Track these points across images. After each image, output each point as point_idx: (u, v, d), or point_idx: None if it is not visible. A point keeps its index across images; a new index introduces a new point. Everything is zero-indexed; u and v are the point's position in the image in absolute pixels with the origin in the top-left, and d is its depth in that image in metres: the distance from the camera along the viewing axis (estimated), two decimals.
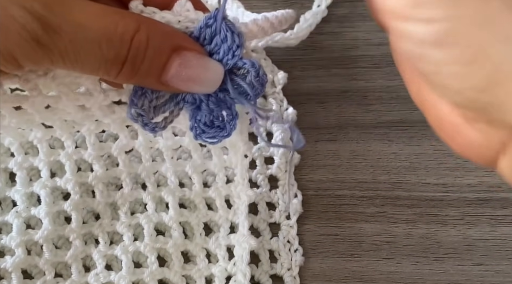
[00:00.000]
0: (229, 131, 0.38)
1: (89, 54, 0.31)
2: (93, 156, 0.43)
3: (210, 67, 0.34)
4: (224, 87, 0.36)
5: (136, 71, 0.33)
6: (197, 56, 0.34)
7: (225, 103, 0.37)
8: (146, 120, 0.36)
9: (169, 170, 0.43)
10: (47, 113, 0.38)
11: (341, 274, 0.44)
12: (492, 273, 0.44)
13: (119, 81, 0.34)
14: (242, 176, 0.43)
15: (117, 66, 0.32)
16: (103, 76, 0.33)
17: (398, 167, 0.46)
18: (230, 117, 0.38)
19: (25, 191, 0.43)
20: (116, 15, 0.32)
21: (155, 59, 0.33)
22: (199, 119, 0.37)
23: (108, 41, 0.31)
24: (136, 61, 0.32)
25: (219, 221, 0.44)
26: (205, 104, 0.37)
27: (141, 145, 0.43)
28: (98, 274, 0.42)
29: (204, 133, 0.38)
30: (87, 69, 0.33)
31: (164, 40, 0.33)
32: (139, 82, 0.34)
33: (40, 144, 0.42)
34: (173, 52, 0.33)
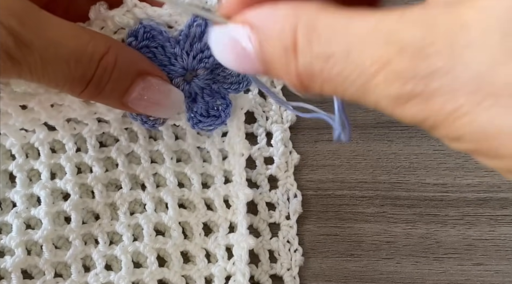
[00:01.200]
0: (224, 119, 0.40)
1: (56, 71, 0.32)
2: (93, 158, 0.43)
3: (171, 93, 0.36)
4: (218, 79, 0.38)
5: (99, 91, 0.34)
6: (159, 82, 0.35)
7: (219, 93, 0.39)
8: (145, 118, 0.38)
9: (168, 171, 0.44)
10: (53, 112, 0.39)
11: (341, 274, 0.44)
12: (492, 273, 0.44)
13: (82, 98, 0.36)
14: (240, 174, 0.43)
15: (82, 85, 0.33)
16: (67, 92, 0.35)
17: (398, 167, 0.46)
18: (224, 106, 0.39)
19: (25, 192, 0.43)
20: (88, 35, 0.33)
21: (119, 81, 0.34)
22: (196, 111, 0.39)
23: (77, 61, 0.32)
24: (101, 82, 0.33)
25: (218, 220, 0.44)
26: (200, 97, 0.38)
27: (141, 147, 0.43)
28: (97, 274, 0.42)
29: (201, 123, 0.39)
30: (53, 84, 0.34)
31: (130, 63, 0.34)
32: (102, 101, 0.36)
33: (42, 146, 0.43)
34: (137, 76, 0.35)
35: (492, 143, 0.21)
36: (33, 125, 0.41)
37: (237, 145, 0.43)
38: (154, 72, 0.35)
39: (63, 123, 0.41)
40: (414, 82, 0.22)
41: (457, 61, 0.21)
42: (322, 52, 0.23)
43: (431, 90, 0.21)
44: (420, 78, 0.21)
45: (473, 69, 0.20)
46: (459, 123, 0.21)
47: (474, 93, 0.21)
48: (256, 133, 0.46)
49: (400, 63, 0.22)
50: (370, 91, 0.23)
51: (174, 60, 0.36)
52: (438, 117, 0.22)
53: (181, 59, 0.36)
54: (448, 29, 0.21)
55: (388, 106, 0.23)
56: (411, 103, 0.22)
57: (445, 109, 0.21)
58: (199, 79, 0.38)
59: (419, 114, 0.22)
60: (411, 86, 0.22)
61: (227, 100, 0.39)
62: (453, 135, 0.22)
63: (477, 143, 0.22)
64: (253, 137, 0.46)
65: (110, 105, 0.37)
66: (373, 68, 0.22)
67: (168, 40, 0.36)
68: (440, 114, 0.22)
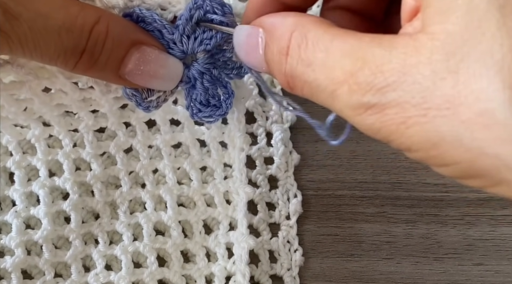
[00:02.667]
0: (225, 110, 0.38)
1: (48, 43, 0.32)
2: (91, 155, 0.43)
3: (169, 63, 0.35)
4: (219, 64, 0.37)
5: (93, 62, 0.33)
6: (156, 51, 0.35)
7: (220, 81, 0.38)
8: (140, 100, 0.36)
9: (167, 167, 0.43)
10: (45, 98, 0.38)
11: (341, 274, 0.44)
12: (492, 273, 0.44)
13: (76, 72, 0.35)
14: (240, 170, 0.43)
15: (75, 56, 0.33)
16: (61, 66, 0.34)
17: (398, 167, 0.46)
18: (226, 96, 0.38)
19: (23, 190, 0.43)
20: (77, 6, 0.32)
21: (113, 51, 0.33)
22: (195, 98, 0.37)
23: (68, 31, 0.32)
24: (94, 52, 0.33)
25: (219, 217, 0.44)
26: (200, 83, 0.37)
27: (139, 142, 0.43)
28: (97, 274, 0.42)
29: (201, 112, 0.38)
30: (46, 58, 0.33)
31: (123, 33, 0.34)
32: (97, 74, 0.35)
33: (38, 143, 0.42)
34: (132, 46, 0.34)
35: (437, 151, 0.24)
36: (28, 119, 0.40)
37: (237, 138, 0.43)
38: (149, 41, 0.35)
39: (59, 119, 0.41)
40: (371, 94, 0.25)
41: (407, 77, 0.24)
42: (306, 58, 0.27)
43: (384, 102, 0.24)
44: (376, 90, 0.24)
45: (420, 84, 0.23)
46: (408, 133, 0.24)
47: (420, 105, 0.23)
48: (256, 133, 0.46)
49: (361, 76, 0.25)
50: (336, 100, 0.26)
51: (173, 44, 0.35)
52: (391, 128, 0.25)
53: (180, 43, 0.35)
54: (404, 51, 0.24)
55: (350, 115, 0.26)
56: (368, 113, 0.25)
57: (396, 119, 0.24)
58: (199, 63, 0.36)
59: (375, 124, 0.25)
60: (368, 97, 0.25)
61: (229, 90, 0.38)
62: (405, 146, 0.25)
63: (425, 151, 0.24)
64: (253, 137, 0.46)
65: (107, 79, 0.36)
66: (340, 78, 0.26)
67: (164, 27, 0.35)
68: (392, 125, 0.24)
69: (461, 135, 0.23)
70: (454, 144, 0.23)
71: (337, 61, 0.26)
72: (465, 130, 0.23)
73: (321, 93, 0.27)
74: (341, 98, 0.26)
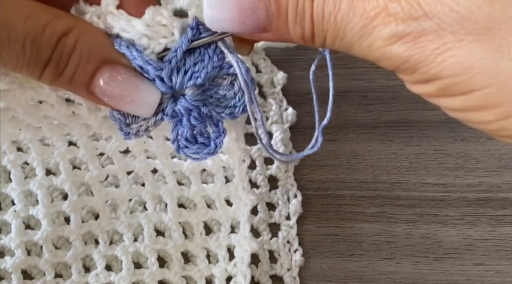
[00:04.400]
0: (214, 150, 0.35)
1: (10, 53, 0.30)
2: (87, 156, 0.42)
3: (143, 88, 0.32)
4: (210, 101, 0.34)
5: (58, 75, 0.32)
6: (130, 73, 0.32)
7: (211, 119, 0.34)
8: (123, 124, 0.34)
9: (165, 169, 0.43)
10: (31, 109, 0.36)
11: (341, 274, 0.44)
12: (492, 273, 0.44)
13: (44, 82, 0.33)
14: (242, 179, 0.42)
15: (39, 68, 0.31)
16: (26, 75, 0.32)
17: (398, 167, 0.46)
18: (216, 134, 0.35)
19: (21, 189, 0.42)
20: (49, 15, 0.31)
21: (81, 66, 0.31)
22: (181, 134, 0.34)
23: (32, 42, 0.30)
24: (59, 64, 0.31)
25: (220, 219, 0.44)
26: (186, 120, 0.34)
27: (135, 146, 0.42)
28: (98, 274, 0.42)
29: (187, 148, 0.35)
30: (10, 67, 0.32)
31: (95, 48, 0.32)
32: (66, 87, 0.33)
33: (31, 143, 0.41)
34: (104, 64, 0.32)
35: (467, 75, 0.25)
36: (16, 125, 0.39)
37: (237, 151, 0.40)
38: (125, 62, 0.32)
39: (50, 126, 0.39)
40: (407, 23, 0.26)
41: (443, 6, 0.25)
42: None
43: (420, 30, 0.26)
44: (412, 19, 0.26)
45: (457, 12, 0.25)
46: (440, 58, 0.25)
47: (458, 32, 0.25)
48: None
49: (397, 7, 0.26)
50: (366, 35, 0.27)
51: (160, 82, 0.32)
52: (422, 54, 0.26)
53: (169, 79, 0.32)
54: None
55: (379, 46, 0.27)
56: (400, 42, 0.26)
57: (429, 46, 0.26)
58: (187, 99, 0.33)
59: (405, 52, 0.26)
60: (404, 26, 0.26)
61: (220, 129, 0.34)
62: (433, 72, 0.26)
63: (454, 77, 0.26)
64: (253, 138, 0.45)
65: (78, 93, 0.34)
66: (372, 13, 0.26)
67: (149, 64, 0.32)
68: (425, 51, 0.26)
69: (497, 58, 0.24)
70: (488, 67, 0.25)
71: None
72: (502, 53, 0.24)
73: (348, 33, 0.27)
74: (372, 32, 0.27)
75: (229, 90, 0.33)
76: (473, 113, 0.27)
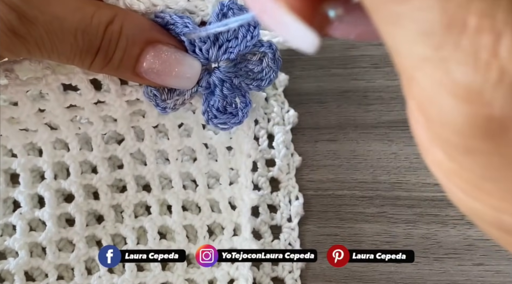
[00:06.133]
0: (241, 119, 0.38)
1: (64, 44, 0.33)
2: (98, 158, 0.42)
3: (186, 62, 0.35)
4: (240, 74, 0.37)
5: (108, 61, 0.34)
6: (172, 50, 0.35)
7: (239, 90, 0.38)
8: (159, 100, 0.37)
9: (173, 171, 0.43)
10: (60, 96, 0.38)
11: (341, 274, 0.45)
12: (492, 273, 0.44)
13: (93, 70, 0.36)
14: (246, 176, 0.43)
15: (91, 56, 0.34)
16: (78, 65, 0.35)
17: (398, 167, 0.46)
18: (243, 105, 0.38)
19: (28, 192, 0.43)
20: (93, 6, 0.33)
21: (127, 50, 0.34)
22: (212, 104, 0.38)
23: (83, 32, 0.33)
24: (108, 51, 0.34)
25: (223, 223, 0.44)
26: (219, 90, 0.37)
27: (147, 147, 0.42)
28: (101, 277, 0.42)
29: (216, 119, 0.38)
30: (63, 58, 0.34)
31: (138, 31, 0.34)
32: (114, 72, 0.36)
33: (45, 145, 0.42)
34: (147, 45, 0.34)
35: None
36: (38, 122, 0.40)
37: (245, 144, 0.42)
38: (165, 40, 0.35)
39: (68, 123, 0.40)
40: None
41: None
42: None
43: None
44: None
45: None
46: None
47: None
48: (257, 135, 0.46)
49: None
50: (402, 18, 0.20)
51: (199, 51, 0.36)
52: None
53: (206, 51, 0.36)
54: None
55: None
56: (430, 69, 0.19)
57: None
58: (221, 71, 0.37)
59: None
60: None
61: (247, 99, 0.38)
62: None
63: None
64: (255, 139, 0.45)
65: (124, 76, 0.37)
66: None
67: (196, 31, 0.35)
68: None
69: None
70: None
71: None
72: None
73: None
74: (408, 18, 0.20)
75: (258, 66, 0.37)
76: None
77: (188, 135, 0.43)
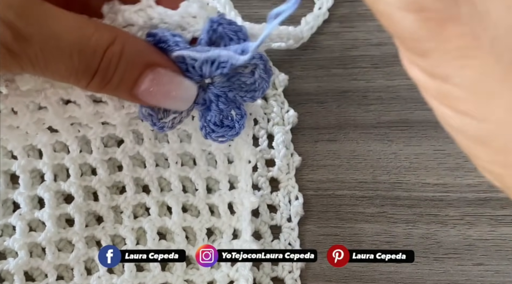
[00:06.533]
0: (238, 130, 0.39)
1: (59, 64, 0.32)
2: (97, 160, 0.42)
3: (183, 85, 0.36)
4: (234, 87, 0.38)
5: (106, 83, 0.34)
6: (170, 73, 0.35)
7: (234, 103, 0.38)
8: (156, 120, 0.37)
9: (172, 175, 0.43)
10: (59, 108, 0.39)
11: (341, 274, 0.45)
12: (492, 273, 0.44)
13: (90, 91, 0.35)
14: (246, 181, 0.43)
15: (87, 77, 0.33)
16: (73, 84, 0.35)
17: (398, 167, 0.46)
18: (239, 117, 0.39)
19: (28, 193, 0.43)
20: (92, 27, 0.33)
21: (127, 73, 0.34)
22: (209, 120, 0.38)
23: (80, 52, 0.32)
24: (107, 73, 0.33)
25: (222, 227, 0.44)
26: (215, 105, 0.37)
27: (146, 149, 0.43)
28: (100, 277, 0.42)
29: (214, 133, 0.39)
30: (57, 77, 0.34)
31: (138, 54, 0.34)
32: (110, 93, 0.36)
33: (45, 148, 0.42)
34: (146, 68, 0.34)
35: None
36: (37, 128, 0.41)
37: (244, 151, 0.43)
38: (164, 63, 0.35)
39: (68, 127, 0.41)
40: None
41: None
42: None
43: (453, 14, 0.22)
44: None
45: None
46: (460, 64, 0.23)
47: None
48: (257, 135, 0.46)
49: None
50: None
51: (192, 68, 0.35)
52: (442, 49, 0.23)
53: (199, 69, 0.35)
54: None
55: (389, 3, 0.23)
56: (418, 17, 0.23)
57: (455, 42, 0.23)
58: (215, 86, 0.37)
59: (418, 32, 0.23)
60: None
61: (242, 111, 0.39)
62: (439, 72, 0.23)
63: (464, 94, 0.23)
64: (255, 140, 0.45)
65: (120, 97, 0.37)
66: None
67: (188, 49, 0.35)
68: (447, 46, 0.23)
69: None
70: None
71: None
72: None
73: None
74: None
75: (250, 77, 0.38)
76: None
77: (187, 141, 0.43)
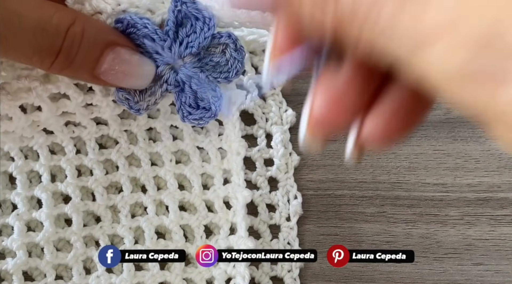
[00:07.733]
0: (215, 112, 0.39)
1: (23, 42, 0.33)
2: (93, 161, 0.43)
3: (142, 63, 0.36)
4: (206, 68, 0.39)
5: (70, 63, 0.34)
6: (129, 52, 0.36)
7: (208, 84, 0.39)
8: (132, 103, 0.38)
9: (168, 173, 0.43)
10: (52, 106, 0.39)
11: (341, 274, 0.45)
12: (492, 273, 0.44)
13: (52, 72, 0.36)
14: (238, 174, 0.43)
15: (51, 56, 0.34)
16: (36, 65, 0.35)
17: (398, 167, 0.46)
18: (215, 99, 0.39)
19: (26, 194, 0.43)
20: (52, 8, 0.33)
21: (89, 52, 0.34)
22: (184, 101, 0.39)
23: (43, 31, 0.33)
24: (70, 52, 0.34)
25: (219, 222, 0.44)
26: (188, 86, 0.38)
27: (141, 149, 0.43)
28: (99, 276, 0.42)
29: (191, 115, 0.39)
30: (21, 57, 0.34)
31: (99, 34, 0.35)
32: (73, 74, 0.36)
33: (41, 149, 0.42)
34: (107, 47, 0.35)
35: None
36: (32, 131, 0.41)
37: (233, 143, 0.43)
38: (123, 43, 0.36)
39: (62, 127, 0.41)
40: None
41: None
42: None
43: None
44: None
45: None
46: None
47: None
48: (256, 135, 0.46)
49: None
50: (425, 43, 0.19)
51: (162, 51, 0.37)
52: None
53: (168, 49, 0.37)
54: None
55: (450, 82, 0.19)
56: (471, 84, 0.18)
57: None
58: (186, 67, 0.38)
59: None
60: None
61: (218, 93, 0.39)
62: None
63: None
64: (253, 139, 0.46)
65: (82, 78, 0.38)
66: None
67: (156, 33, 0.36)
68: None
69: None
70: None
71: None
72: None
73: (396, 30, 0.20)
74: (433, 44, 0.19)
75: (222, 57, 0.39)
76: None
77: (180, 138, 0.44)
